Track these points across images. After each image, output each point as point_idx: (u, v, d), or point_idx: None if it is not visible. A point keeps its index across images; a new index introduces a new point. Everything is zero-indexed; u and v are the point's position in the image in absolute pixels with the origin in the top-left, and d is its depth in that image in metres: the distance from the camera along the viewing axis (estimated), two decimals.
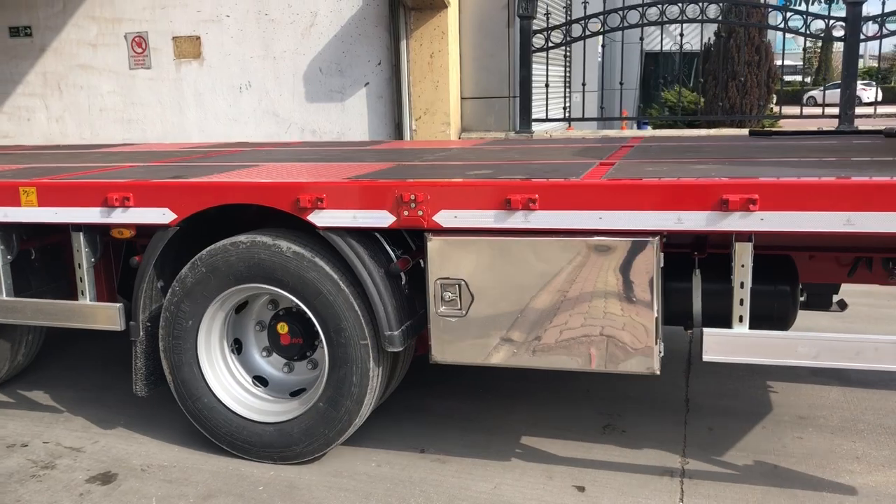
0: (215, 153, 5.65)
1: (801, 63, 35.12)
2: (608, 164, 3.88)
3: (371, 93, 8.20)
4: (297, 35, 8.32)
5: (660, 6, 7.80)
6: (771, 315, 3.63)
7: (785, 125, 10.74)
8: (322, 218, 3.55)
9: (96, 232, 4.07)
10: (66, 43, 9.20)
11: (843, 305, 4.24)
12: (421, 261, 3.57)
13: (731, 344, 3.27)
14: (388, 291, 3.54)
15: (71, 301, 4.17)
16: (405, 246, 3.74)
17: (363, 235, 3.59)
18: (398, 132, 8.10)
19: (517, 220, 3.30)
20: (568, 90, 10.43)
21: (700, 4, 7.80)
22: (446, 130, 8.03)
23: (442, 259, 3.45)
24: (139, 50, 8.95)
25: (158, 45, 8.85)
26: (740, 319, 3.27)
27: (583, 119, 8.86)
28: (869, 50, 31.15)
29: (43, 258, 4.49)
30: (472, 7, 8.11)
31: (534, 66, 8.23)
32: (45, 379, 5.08)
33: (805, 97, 13.59)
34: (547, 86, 8.39)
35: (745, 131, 7.41)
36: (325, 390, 3.66)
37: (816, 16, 7.74)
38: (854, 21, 7.40)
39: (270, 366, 4.05)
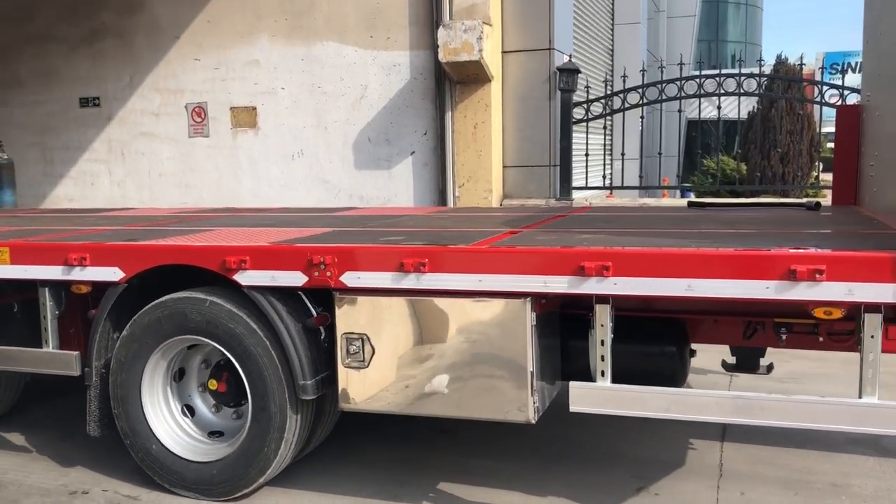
0: (199, 217, 6.07)
1: None
2: (514, 232, 4.28)
3: (417, 161, 8.54)
4: (348, 106, 8.74)
5: (698, 80, 8.05)
6: (660, 373, 3.88)
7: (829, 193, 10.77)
8: (245, 277, 3.94)
9: (60, 288, 4.49)
10: (131, 112, 9.77)
11: (769, 368, 4.35)
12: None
13: (593, 396, 3.59)
14: (303, 344, 3.87)
15: (35, 349, 4.56)
16: (328, 304, 4.02)
17: (284, 293, 3.93)
18: (442, 198, 8.40)
19: (410, 281, 3.67)
20: (610, 158, 10.68)
21: (737, 78, 8.02)
22: (488, 197, 8.30)
23: (347, 315, 3.83)
24: (198, 119, 9.46)
25: (217, 115, 9.36)
26: (602, 374, 3.58)
27: (622, 187, 9.06)
28: None
29: (23, 311, 4.89)
30: (515, 81, 8.45)
31: (574, 135, 8.51)
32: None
33: None
34: (587, 154, 8.64)
35: (787, 200, 7.52)
36: (249, 432, 3.98)
37: (852, 90, 7.90)
38: None
39: (209, 410, 4.37)
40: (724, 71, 8.29)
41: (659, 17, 20.23)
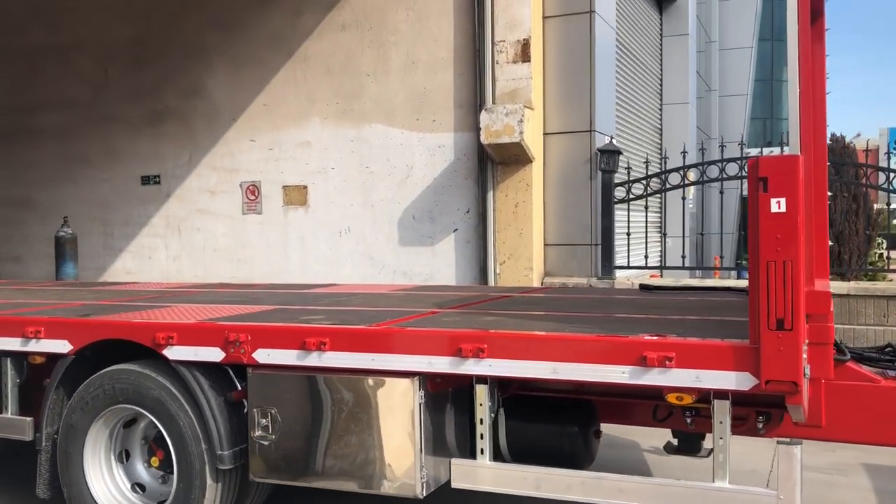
0: (173, 294, 6.31)
1: None
2: (433, 313, 4.50)
3: (459, 238, 8.69)
4: (394, 185, 8.99)
5: (739, 161, 8.07)
6: (561, 452, 3.99)
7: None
8: (173, 352, 4.16)
9: (21, 358, 4.75)
10: (189, 190, 10.22)
11: (710, 452, 4.31)
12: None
13: (472, 473, 3.77)
14: (223, 416, 4.05)
15: None
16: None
17: (209, 368, 4.12)
18: (483, 276, 8.50)
19: (313, 359, 3.87)
20: (659, 235, 10.66)
21: None
22: (529, 275, 8.36)
23: (258, 390, 4.01)
24: (252, 197, 9.83)
25: (269, 193, 9.72)
26: (482, 451, 3.73)
27: (662, 267, 9.03)
28: None
29: None
30: (556, 161, 8.60)
31: (617, 213, 8.57)
32: None
33: None
34: (628, 234, 8.67)
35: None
36: (175, 499, 4.16)
37: None
38: None
39: (157, 482, 4.52)
40: (752, 152, 8.28)
41: (710, 96, 20.35)
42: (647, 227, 9.57)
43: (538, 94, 8.46)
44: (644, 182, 8.61)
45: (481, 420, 3.71)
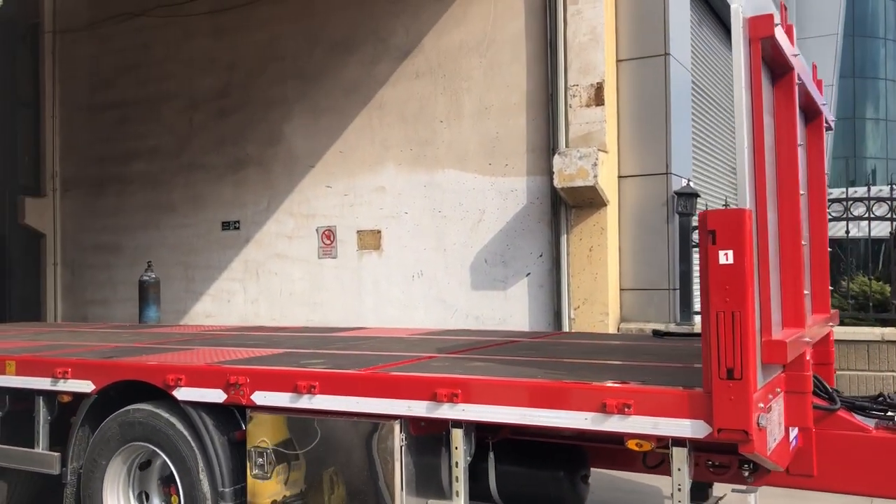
0: (203, 337, 6.61)
1: None
2: (431, 357, 4.66)
3: (532, 282, 8.62)
4: (467, 229, 9.02)
5: (844, 202, 7.81)
6: (548, 497, 4.13)
7: None
8: (181, 393, 4.38)
9: (52, 396, 5.02)
10: (267, 235, 10.46)
11: (718, 500, 4.28)
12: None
13: None
14: (225, 455, 4.26)
15: (25, 448, 5.13)
16: None
17: (214, 409, 4.32)
18: (557, 320, 8.39)
19: (304, 401, 4.04)
20: None
21: (866, 202, 7.74)
22: (605, 320, 8.22)
23: (256, 430, 4.21)
24: (327, 242, 10.00)
25: (344, 238, 9.87)
26: (456, 494, 3.84)
27: None
28: None
29: (25, 415, 5.36)
30: (631, 204, 8.49)
31: (694, 256, 8.37)
32: None
33: None
34: None
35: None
36: None
37: None
38: None
39: None
40: (853, 195, 8.02)
41: None
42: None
43: (612, 137, 8.40)
44: None
45: (456, 463, 3.84)
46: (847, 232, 8.05)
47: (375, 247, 9.68)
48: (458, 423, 3.79)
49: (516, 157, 8.75)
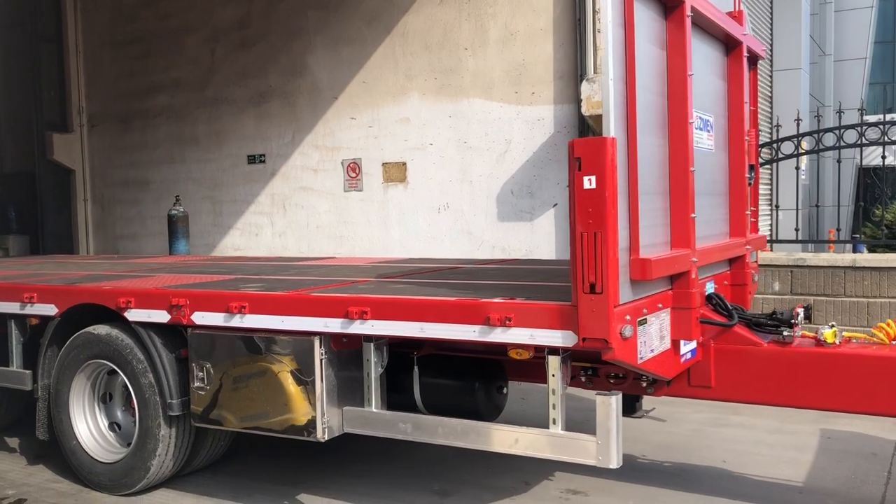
0: (175, 265, 7.12)
1: None
2: (359, 283, 5.01)
3: (559, 213, 8.55)
4: (493, 160, 8.92)
5: (858, 129, 7.61)
6: (463, 406, 4.47)
7: None
8: (132, 314, 4.89)
9: (22, 319, 5.55)
10: (292, 168, 10.45)
11: (646, 413, 4.95)
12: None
13: (359, 420, 4.36)
14: (172, 370, 4.76)
15: (1, 367, 5.67)
16: None
17: (162, 328, 4.81)
18: None
19: (236, 321, 4.50)
20: (771, 207, 10.20)
21: (882, 127, 7.52)
22: None
23: (196, 348, 4.69)
24: (353, 174, 9.96)
25: (369, 171, 9.82)
26: (369, 401, 4.31)
27: (777, 240, 8.64)
28: None
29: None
30: None
31: None
32: None
33: None
34: None
35: None
36: (137, 441, 4.90)
37: None
38: None
39: (130, 423, 5.12)
40: (890, 118, 7.79)
41: (824, 61, 19.29)
42: (758, 199, 9.16)
43: None
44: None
45: (368, 374, 4.28)
46: (883, 157, 7.84)
47: (401, 179, 9.62)
48: (369, 338, 4.24)
49: (543, 85, 8.58)
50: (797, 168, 8.15)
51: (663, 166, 4.05)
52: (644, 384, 4.36)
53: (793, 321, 4.21)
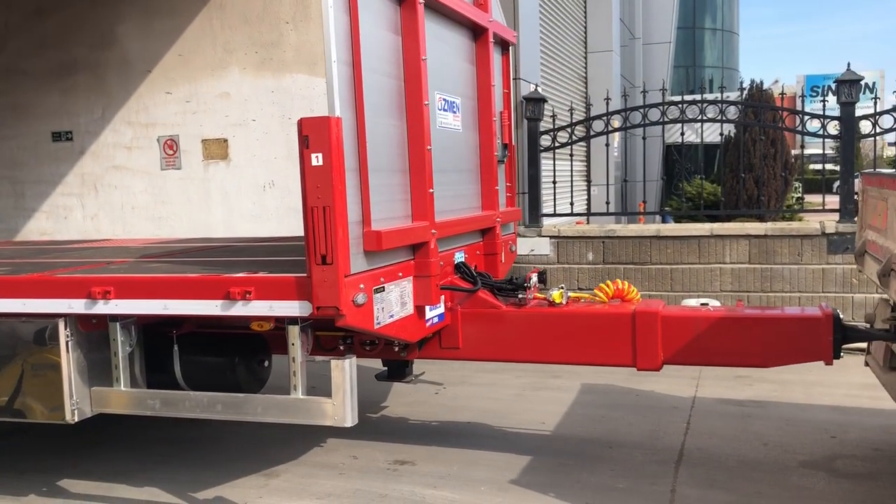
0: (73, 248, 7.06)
1: (824, 152, 35.29)
2: (116, 263, 5.03)
3: None
4: None
5: (660, 107, 8.15)
6: (225, 381, 4.62)
7: (805, 216, 10.92)
8: None
9: None
10: (104, 146, 9.79)
11: (417, 377, 5.18)
12: None
13: (107, 399, 4.37)
14: None
15: None
16: None
17: None
18: None
19: None
20: (586, 183, 10.74)
21: (700, 105, 8.14)
22: None
23: None
24: (170, 152, 9.50)
25: (188, 148, 9.38)
26: (118, 380, 4.34)
27: (591, 213, 9.13)
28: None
29: None
30: None
31: (543, 162, 8.58)
32: None
33: (835, 186, 13.68)
34: (554, 182, 8.71)
35: (759, 224, 7.58)
36: None
37: (812, 115, 8.03)
38: (848, 120, 7.66)
39: None
40: (686, 98, 8.42)
41: (634, 44, 20.51)
42: (572, 175, 9.62)
43: None
44: (569, 130, 8.64)
45: (115, 353, 4.30)
46: (682, 134, 8.47)
47: (223, 156, 9.28)
48: (115, 318, 4.27)
49: None
50: (607, 145, 8.64)
51: (402, 145, 4.23)
52: (396, 349, 4.59)
53: (525, 285, 4.58)
